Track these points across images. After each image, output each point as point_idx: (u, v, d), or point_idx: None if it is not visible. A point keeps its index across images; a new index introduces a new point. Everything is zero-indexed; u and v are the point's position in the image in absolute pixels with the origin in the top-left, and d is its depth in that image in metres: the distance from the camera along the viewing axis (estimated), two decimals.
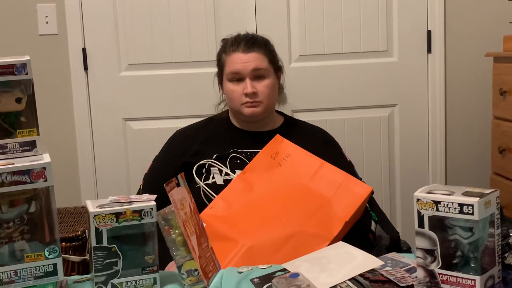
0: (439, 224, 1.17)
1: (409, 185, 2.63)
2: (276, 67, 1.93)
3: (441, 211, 1.16)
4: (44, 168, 1.13)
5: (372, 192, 1.78)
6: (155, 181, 1.84)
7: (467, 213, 1.13)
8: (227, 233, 1.56)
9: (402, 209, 2.67)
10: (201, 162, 1.82)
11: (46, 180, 1.13)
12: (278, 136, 1.81)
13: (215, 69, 1.99)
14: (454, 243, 1.16)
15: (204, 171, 1.82)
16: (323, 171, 1.70)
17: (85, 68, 2.54)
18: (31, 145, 1.19)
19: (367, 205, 1.91)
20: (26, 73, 1.17)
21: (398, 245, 1.76)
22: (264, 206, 1.65)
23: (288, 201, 1.65)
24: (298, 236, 1.56)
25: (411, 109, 2.63)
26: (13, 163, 1.13)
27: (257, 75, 1.85)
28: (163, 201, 1.28)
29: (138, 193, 1.87)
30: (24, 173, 1.12)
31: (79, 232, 1.89)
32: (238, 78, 1.85)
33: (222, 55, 1.93)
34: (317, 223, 1.59)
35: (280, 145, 1.78)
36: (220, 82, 1.95)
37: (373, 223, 1.83)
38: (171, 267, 1.53)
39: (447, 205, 1.15)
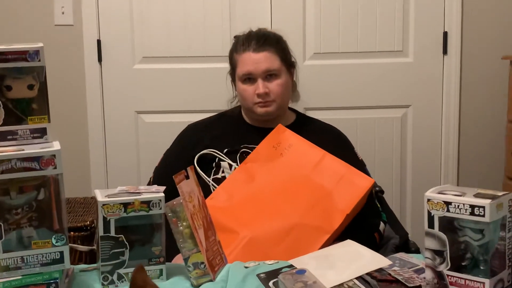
0: (449, 225, 1.15)
1: (420, 186, 2.61)
2: (289, 64, 1.91)
3: (452, 212, 1.14)
4: (54, 155, 1.13)
5: (376, 185, 1.74)
6: (165, 174, 1.83)
7: (478, 215, 1.11)
8: (227, 225, 1.54)
9: (412, 210, 2.65)
10: (203, 152, 1.81)
11: (55, 168, 1.13)
12: (280, 126, 1.79)
13: (229, 65, 1.98)
14: (464, 245, 1.15)
15: (214, 165, 1.82)
16: (325, 162, 1.68)
17: (99, 59, 2.54)
18: (42, 132, 1.19)
19: (378, 205, 1.89)
20: (39, 60, 1.16)
21: (407, 246, 1.74)
22: (265, 197, 1.63)
23: (289, 193, 1.63)
24: (298, 228, 1.55)
25: (424, 111, 2.61)
26: (23, 150, 1.13)
27: (269, 75, 1.84)
28: (171, 195, 1.28)
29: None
30: (33, 159, 1.12)
31: (88, 222, 1.90)
32: (250, 78, 1.84)
33: (233, 54, 1.91)
34: (318, 215, 1.57)
35: (282, 135, 1.76)
36: (233, 80, 1.95)
37: (382, 224, 1.81)
38: (178, 259, 1.53)
39: (458, 206, 1.14)
